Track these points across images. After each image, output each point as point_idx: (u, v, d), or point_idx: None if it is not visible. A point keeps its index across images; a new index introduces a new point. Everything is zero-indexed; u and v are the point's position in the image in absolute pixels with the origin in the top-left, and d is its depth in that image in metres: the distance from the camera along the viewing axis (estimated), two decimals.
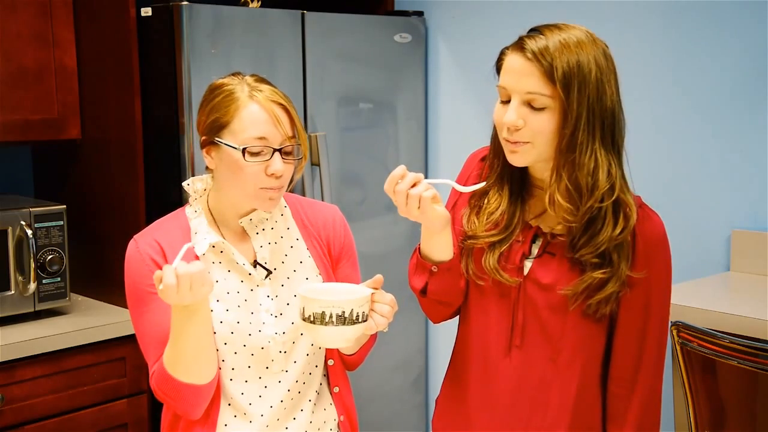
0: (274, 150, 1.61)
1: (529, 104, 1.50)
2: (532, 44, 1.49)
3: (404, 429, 3.29)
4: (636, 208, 1.56)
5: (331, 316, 1.48)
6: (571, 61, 1.47)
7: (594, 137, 1.50)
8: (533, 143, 1.52)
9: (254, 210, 1.71)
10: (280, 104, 1.63)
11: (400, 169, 1.51)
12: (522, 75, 1.50)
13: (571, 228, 1.55)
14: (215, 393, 1.65)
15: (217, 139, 1.62)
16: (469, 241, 1.64)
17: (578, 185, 1.52)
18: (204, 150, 1.66)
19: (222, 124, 1.62)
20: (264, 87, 1.64)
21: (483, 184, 1.61)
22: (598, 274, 1.54)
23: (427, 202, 1.50)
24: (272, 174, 1.61)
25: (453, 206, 1.72)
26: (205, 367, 1.59)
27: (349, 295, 1.54)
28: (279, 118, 1.62)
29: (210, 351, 1.59)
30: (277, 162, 1.61)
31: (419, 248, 1.63)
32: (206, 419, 1.65)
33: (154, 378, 1.61)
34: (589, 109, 1.48)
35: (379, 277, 1.58)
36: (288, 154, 1.64)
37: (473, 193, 1.65)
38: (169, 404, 1.64)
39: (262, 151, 1.60)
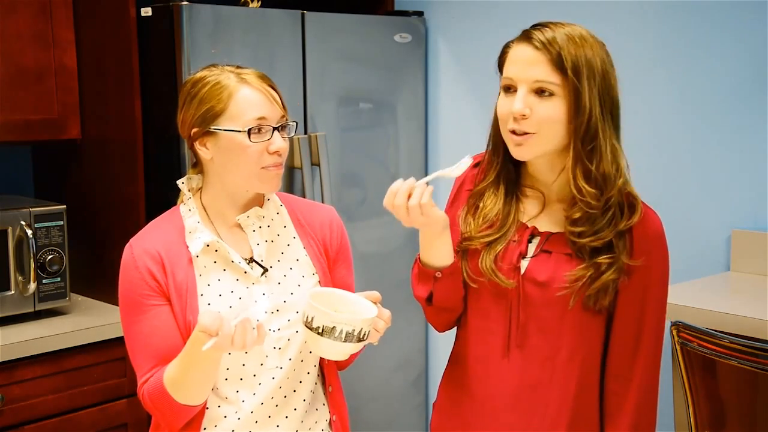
0: (274, 128, 1.64)
1: (537, 93, 1.52)
2: (540, 35, 1.53)
3: (404, 429, 3.29)
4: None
5: (340, 332, 1.50)
6: (578, 51, 1.51)
7: (608, 126, 1.53)
8: (539, 134, 1.53)
9: (251, 207, 1.71)
10: (269, 83, 1.67)
11: (397, 183, 1.53)
12: (530, 64, 1.52)
13: (577, 220, 1.56)
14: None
15: (213, 127, 1.63)
16: (465, 243, 1.64)
17: (604, 173, 1.54)
18: (197, 142, 1.66)
19: (217, 112, 1.62)
20: (248, 71, 1.67)
21: (470, 158, 1.59)
22: (602, 259, 1.55)
23: (428, 207, 1.52)
24: (275, 151, 1.63)
25: (450, 206, 1.73)
26: (207, 392, 1.61)
27: (360, 312, 1.56)
28: (273, 96, 1.65)
29: (214, 379, 1.62)
30: (278, 139, 1.64)
31: (419, 257, 1.64)
32: (192, 419, 1.65)
33: (146, 390, 1.62)
34: (601, 98, 1.52)
35: (377, 294, 1.60)
36: (283, 130, 1.67)
37: (471, 194, 1.67)
38: (157, 416, 1.66)
39: (264, 130, 1.62)
